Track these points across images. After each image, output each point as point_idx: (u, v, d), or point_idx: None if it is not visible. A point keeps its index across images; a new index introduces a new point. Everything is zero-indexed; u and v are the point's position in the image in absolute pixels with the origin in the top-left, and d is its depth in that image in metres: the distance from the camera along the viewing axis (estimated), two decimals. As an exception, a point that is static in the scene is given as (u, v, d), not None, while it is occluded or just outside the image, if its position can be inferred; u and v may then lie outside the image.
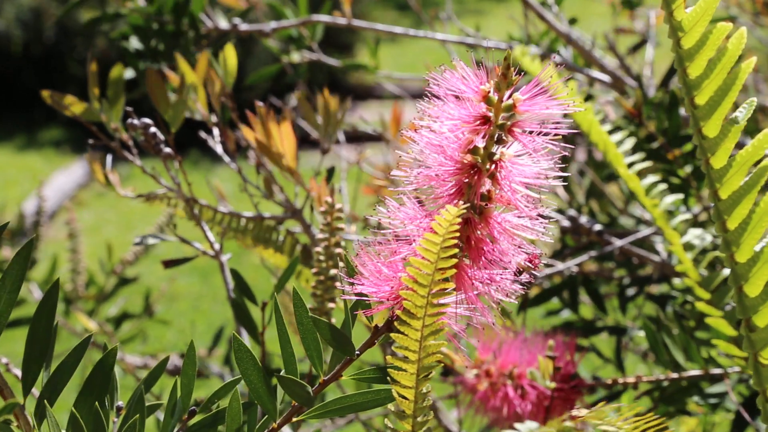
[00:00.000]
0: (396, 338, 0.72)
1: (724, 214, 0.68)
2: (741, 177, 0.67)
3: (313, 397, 0.76)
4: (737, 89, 0.67)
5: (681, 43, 0.67)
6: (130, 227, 5.57)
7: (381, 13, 8.59)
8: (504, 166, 0.74)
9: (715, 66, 0.67)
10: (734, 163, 0.67)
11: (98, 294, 2.31)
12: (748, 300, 0.68)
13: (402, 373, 0.73)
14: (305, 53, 1.86)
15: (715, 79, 0.67)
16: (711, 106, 0.68)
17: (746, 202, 0.67)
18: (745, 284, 0.67)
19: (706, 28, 0.67)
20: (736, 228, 0.68)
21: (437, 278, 0.70)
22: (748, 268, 0.67)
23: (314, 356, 0.76)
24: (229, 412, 0.75)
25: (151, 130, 1.19)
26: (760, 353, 0.67)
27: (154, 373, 0.81)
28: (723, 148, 0.68)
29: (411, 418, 0.74)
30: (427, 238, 0.69)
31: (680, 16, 0.67)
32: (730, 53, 0.67)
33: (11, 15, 7.10)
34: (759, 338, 0.67)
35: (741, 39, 0.67)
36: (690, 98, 0.68)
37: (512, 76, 0.73)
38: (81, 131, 6.45)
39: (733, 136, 0.68)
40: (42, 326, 0.73)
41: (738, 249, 0.67)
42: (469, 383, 1.23)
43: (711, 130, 0.68)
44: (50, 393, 0.74)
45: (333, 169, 1.28)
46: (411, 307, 0.71)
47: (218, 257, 1.27)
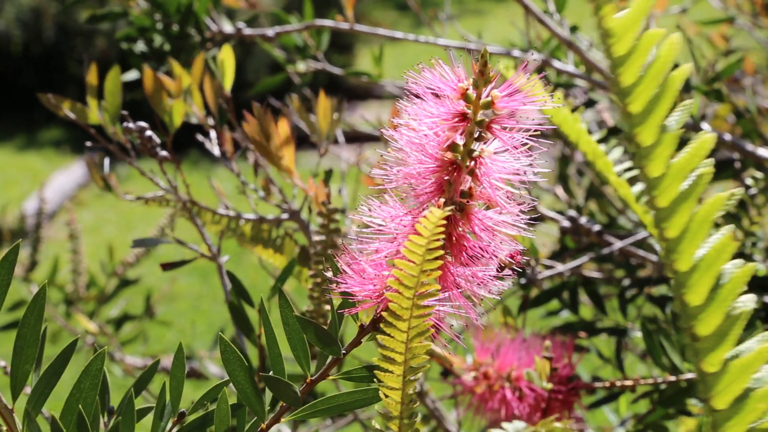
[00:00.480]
0: (382, 340, 0.72)
1: (663, 222, 0.67)
2: (678, 184, 0.67)
3: (300, 397, 0.76)
4: (672, 96, 0.66)
5: (612, 50, 0.67)
6: (130, 227, 5.57)
7: (381, 13, 8.59)
8: (483, 163, 0.74)
9: (648, 73, 0.66)
10: (671, 171, 0.66)
11: (99, 295, 2.32)
12: (690, 308, 0.67)
13: (388, 375, 0.73)
14: (310, 62, 1.86)
15: (648, 86, 0.66)
16: (645, 113, 0.67)
17: (685, 210, 0.66)
18: (687, 292, 0.67)
19: (638, 34, 0.66)
20: (675, 236, 0.67)
21: (422, 279, 0.70)
22: (689, 276, 0.67)
23: (301, 356, 0.77)
24: (217, 413, 0.75)
25: (146, 134, 1.19)
26: (704, 361, 0.67)
27: (146, 375, 0.81)
28: (660, 156, 0.67)
29: (398, 419, 0.74)
30: (412, 240, 0.69)
31: (611, 23, 0.66)
32: (662, 59, 0.66)
33: (11, 15, 7.11)
34: (702, 347, 0.67)
35: (674, 45, 0.66)
36: (624, 106, 0.67)
37: (489, 74, 0.73)
38: (81, 131, 6.45)
39: (669, 143, 0.67)
40: (30, 328, 0.73)
41: (679, 257, 0.67)
42: (468, 385, 1.23)
43: (646, 137, 0.67)
44: (38, 396, 0.74)
45: (331, 171, 1.28)
46: (396, 308, 0.71)
47: (216, 259, 1.27)
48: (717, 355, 0.66)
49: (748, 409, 0.66)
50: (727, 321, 0.66)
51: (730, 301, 0.66)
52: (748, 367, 0.66)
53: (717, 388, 0.67)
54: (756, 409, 0.66)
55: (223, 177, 5.72)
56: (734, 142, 1.56)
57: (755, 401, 0.66)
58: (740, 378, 0.66)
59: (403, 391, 0.73)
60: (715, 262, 0.66)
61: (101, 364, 0.75)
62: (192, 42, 1.62)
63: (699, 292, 0.67)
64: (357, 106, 6.30)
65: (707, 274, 0.66)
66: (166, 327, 4.04)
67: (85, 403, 0.74)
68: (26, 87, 7.02)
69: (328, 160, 4.30)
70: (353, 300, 0.75)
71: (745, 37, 2.52)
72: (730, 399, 0.67)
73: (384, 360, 0.73)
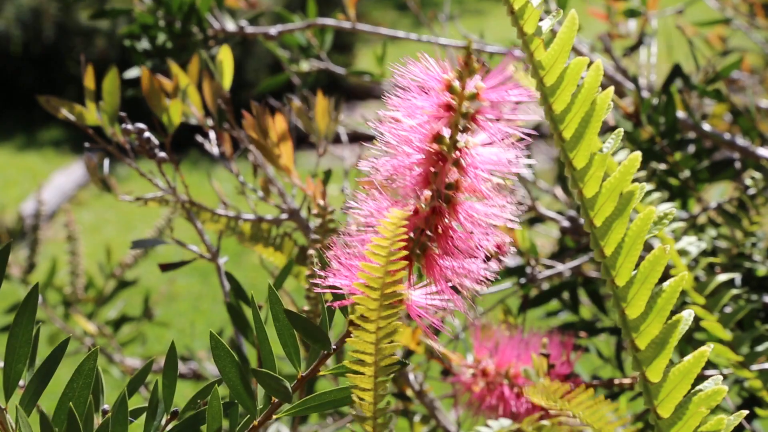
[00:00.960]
0: (351, 342, 0.73)
1: (600, 240, 0.69)
2: (613, 203, 0.69)
3: (291, 392, 0.76)
4: (599, 119, 0.69)
5: (543, 81, 0.69)
6: (129, 227, 5.57)
7: (381, 13, 8.59)
8: (469, 154, 0.74)
9: (576, 100, 0.69)
10: (604, 191, 0.69)
11: (97, 297, 2.32)
12: (630, 321, 0.69)
13: (359, 376, 0.73)
14: (313, 62, 1.86)
15: (578, 113, 0.69)
16: (577, 138, 0.69)
17: (619, 228, 0.69)
18: (627, 306, 0.69)
19: (566, 64, 0.69)
20: (612, 253, 0.69)
21: (388, 281, 0.70)
22: (627, 290, 0.69)
23: (291, 352, 0.77)
24: (209, 411, 0.75)
25: (144, 135, 1.19)
26: (646, 371, 0.69)
27: (140, 376, 0.81)
28: (593, 177, 0.69)
29: (371, 419, 0.75)
30: (375, 241, 0.70)
31: (539, 56, 0.69)
32: (588, 86, 0.69)
33: (11, 15, 7.11)
34: (644, 357, 0.69)
35: (598, 71, 0.69)
36: (558, 133, 0.70)
37: (474, 65, 0.73)
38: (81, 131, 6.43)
39: (600, 164, 0.69)
40: (23, 328, 0.73)
41: (617, 273, 0.69)
42: (466, 382, 1.24)
43: (580, 161, 0.69)
44: (31, 394, 0.74)
45: (330, 171, 1.28)
46: (364, 310, 0.71)
47: (215, 260, 1.27)
48: (658, 365, 0.69)
49: (689, 415, 0.68)
50: (665, 331, 0.68)
51: (667, 311, 0.68)
52: (686, 374, 0.68)
53: (660, 397, 0.69)
54: (698, 414, 0.68)
55: (222, 177, 5.71)
56: (733, 142, 1.56)
57: (696, 406, 0.68)
58: (681, 385, 0.68)
59: (375, 392, 0.73)
60: (650, 275, 0.68)
61: (94, 362, 0.75)
62: (194, 40, 1.62)
63: (637, 305, 0.69)
64: (357, 105, 6.30)
65: (644, 287, 0.68)
66: (165, 328, 4.04)
67: (77, 402, 0.73)
68: (26, 87, 7.02)
69: (327, 160, 4.30)
70: (342, 293, 0.75)
71: (741, 38, 2.52)
72: (672, 406, 0.69)
73: (354, 362, 0.73)
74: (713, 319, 1.12)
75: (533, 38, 0.69)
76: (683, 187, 1.47)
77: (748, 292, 1.34)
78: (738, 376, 1.29)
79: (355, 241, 0.75)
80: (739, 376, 1.28)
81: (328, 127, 1.35)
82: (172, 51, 1.60)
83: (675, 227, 1.22)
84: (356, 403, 0.74)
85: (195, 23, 1.61)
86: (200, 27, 1.62)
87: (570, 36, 0.68)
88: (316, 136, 1.36)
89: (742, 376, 1.16)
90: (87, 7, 6.21)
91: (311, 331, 0.75)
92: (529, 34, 0.69)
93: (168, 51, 1.60)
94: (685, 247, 1.21)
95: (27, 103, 7.02)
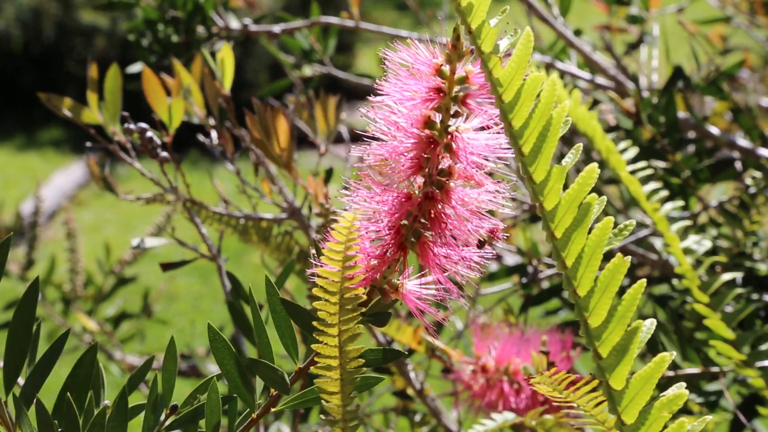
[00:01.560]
0: (316, 348, 0.73)
1: (561, 251, 0.70)
2: (572, 215, 0.70)
3: (289, 384, 0.76)
4: (555, 133, 0.70)
5: (502, 97, 0.70)
6: (129, 227, 5.57)
7: (381, 13, 8.59)
8: (461, 138, 0.74)
9: (533, 116, 0.70)
10: (563, 202, 0.70)
11: (97, 294, 2.31)
12: (592, 330, 0.70)
13: (326, 380, 0.73)
14: (316, 66, 1.86)
15: (536, 128, 0.70)
16: (535, 152, 0.70)
17: (579, 238, 0.70)
18: (589, 316, 0.70)
19: (522, 81, 0.70)
20: (573, 264, 0.70)
21: (345, 284, 0.70)
22: (588, 300, 0.70)
23: (289, 344, 0.77)
24: (208, 404, 0.75)
25: (147, 135, 1.19)
26: (609, 378, 0.69)
27: (140, 372, 0.81)
28: (552, 190, 0.70)
29: (341, 422, 0.75)
30: (329, 246, 0.70)
31: (497, 73, 0.70)
32: (544, 102, 0.70)
33: (11, 15, 7.10)
34: (606, 365, 0.70)
35: (552, 88, 0.70)
36: (518, 148, 0.71)
37: (462, 48, 0.73)
38: (80, 131, 6.44)
39: (559, 177, 0.70)
40: (23, 323, 0.73)
41: (578, 283, 0.70)
42: (466, 379, 1.24)
43: (539, 174, 0.70)
44: (30, 388, 0.74)
45: (331, 169, 1.28)
46: (325, 315, 0.72)
47: (216, 260, 1.27)
48: (620, 372, 0.70)
49: (652, 419, 0.69)
50: (625, 338, 0.69)
51: (627, 318, 0.69)
52: (648, 380, 0.69)
53: (623, 403, 0.70)
54: (661, 419, 0.69)
55: (223, 177, 5.71)
56: (734, 141, 1.56)
57: (658, 411, 0.69)
58: (643, 390, 0.69)
59: (343, 394, 0.73)
60: (610, 284, 0.69)
61: (94, 356, 0.75)
62: (198, 37, 1.62)
63: (599, 314, 0.70)
64: (357, 105, 6.29)
65: (605, 296, 0.69)
66: (164, 326, 4.04)
67: (77, 396, 0.73)
68: (26, 87, 7.01)
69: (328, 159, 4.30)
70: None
71: (741, 37, 2.52)
72: (635, 412, 0.69)
73: (320, 368, 0.74)
74: (716, 317, 1.12)
75: (490, 56, 0.70)
76: (684, 186, 1.47)
77: (750, 291, 1.34)
78: (737, 376, 1.29)
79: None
80: (739, 376, 1.28)
81: (330, 126, 1.35)
82: (175, 47, 1.60)
83: (679, 226, 1.23)
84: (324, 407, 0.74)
85: (200, 20, 1.61)
86: (205, 24, 1.62)
87: (526, 53, 0.69)
88: (317, 136, 1.36)
89: (745, 375, 1.16)
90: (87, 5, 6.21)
91: (308, 322, 0.75)
92: (486, 53, 0.69)
93: (172, 47, 1.60)
94: (691, 246, 1.21)
95: (27, 103, 7.02)
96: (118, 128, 1.28)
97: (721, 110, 1.82)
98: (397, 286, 0.76)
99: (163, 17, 1.61)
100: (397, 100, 0.74)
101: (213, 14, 1.65)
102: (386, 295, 0.76)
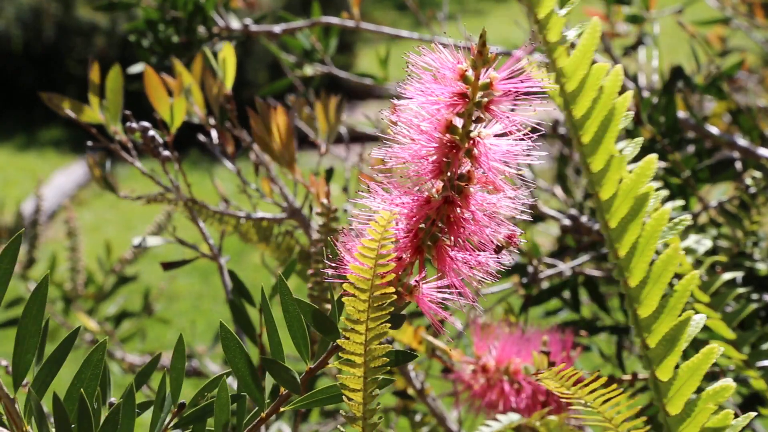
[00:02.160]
0: (342, 344, 0.73)
1: (614, 242, 0.70)
2: (628, 205, 0.70)
3: (300, 384, 0.76)
4: (617, 123, 0.70)
5: (565, 87, 0.71)
6: (130, 227, 5.57)
7: (381, 13, 8.59)
8: (482, 144, 0.74)
9: (596, 105, 0.70)
10: (620, 192, 0.70)
11: (97, 293, 2.32)
12: (642, 320, 0.70)
13: (349, 377, 0.73)
14: (317, 66, 1.87)
15: (597, 117, 0.70)
16: (595, 142, 0.71)
17: (634, 229, 0.70)
18: (639, 306, 0.70)
19: (586, 71, 0.70)
20: (626, 254, 0.70)
21: (377, 283, 0.70)
22: (640, 290, 0.70)
23: (300, 343, 0.77)
24: (217, 403, 0.75)
25: (149, 134, 1.19)
26: (656, 370, 0.69)
27: (147, 369, 0.81)
28: (610, 180, 0.70)
29: (361, 420, 0.75)
30: (364, 244, 0.70)
31: (562, 63, 0.70)
32: (608, 92, 0.70)
33: (11, 15, 7.11)
34: (654, 355, 0.70)
35: (617, 77, 0.70)
36: (577, 137, 0.71)
37: (488, 54, 0.73)
38: (81, 131, 6.43)
39: (618, 167, 0.70)
40: (32, 320, 0.73)
41: (630, 274, 0.70)
42: (466, 379, 1.24)
43: (597, 164, 0.71)
44: (39, 386, 0.75)
45: (332, 169, 1.28)
46: (353, 312, 0.72)
47: (217, 259, 1.27)
48: (668, 363, 0.70)
49: (698, 411, 0.69)
50: (675, 329, 0.69)
51: (678, 310, 0.69)
52: (695, 371, 0.69)
53: (669, 394, 0.70)
54: (706, 410, 0.69)
55: (223, 177, 5.71)
56: (734, 141, 1.56)
57: (705, 402, 0.69)
58: (689, 382, 0.70)
59: (364, 392, 0.73)
60: (662, 275, 0.70)
61: (102, 354, 0.75)
62: (199, 37, 1.62)
63: (649, 305, 0.70)
64: (357, 105, 6.30)
65: (656, 287, 0.70)
66: (165, 326, 4.04)
67: (86, 393, 0.74)
68: (26, 87, 7.01)
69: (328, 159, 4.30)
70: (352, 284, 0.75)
71: (740, 38, 2.52)
72: (681, 403, 0.70)
73: (344, 363, 0.73)
74: (717, 317, 1.12)
75: (556, 46, 0.70)
76: (684, 186, 1.48)
77: (750, 291, 1.34)
78: (737, 376, 1.29)
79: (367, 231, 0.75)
80: (739, 375, 1.28)
81: (331, 126, 1.36)
82: (176, 47, 1.60)
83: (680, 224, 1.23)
84: (346, 404, 0.74)
85: (200, 21, 1.61)
86: (205, 25, 1.62)
87: (592, 43, 0.69)
88: (318, 136, 1.36)
89: (746, 375, 1.16)
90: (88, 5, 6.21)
91: (322, 322, 0.75)
92: (552, 42, 0.70)
93: (172, 47, 1.60)
94: (691, 245, 1.21)
95: (27, 103, 7.02)
96: (120, 127, 1.28)
97: (720, 112, 1.82)
98: (411, 289, 0.76)
99: (164, 18, 1.61)
100: (421, 104, 0.74)
101: (214, 14, 1.65)
102: (401, 297, 0.76)
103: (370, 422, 0.75)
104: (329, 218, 1.05)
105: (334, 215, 1.06)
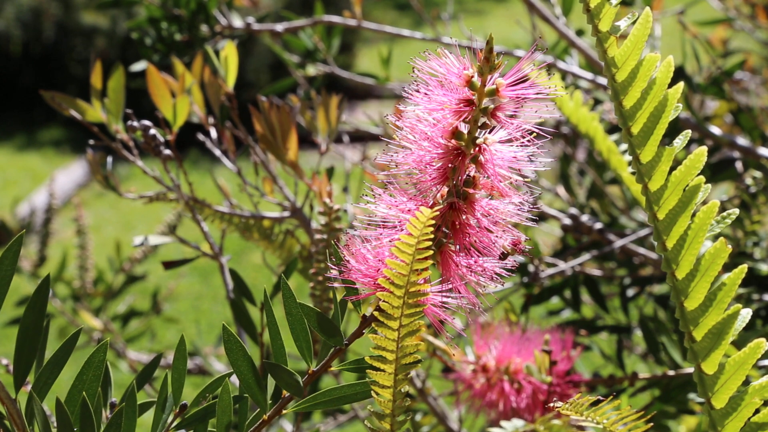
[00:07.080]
0: (373, 339, 0.73)
1: (663, 234, 0.70)
2: (677, 197, 0.70)
3: (302, 387, 0.76)
4: (668, 115, 0.70)
5: (615, 77, 0.70)
6: (130, 227, 5.57)
7: (381, 13, 8.59)
8: (488, 151, 0.74)
9: (647, 96, 0.70)
10: (669, 184, 0.70)
11: (106, 291, 2.32)
12: (688, 313, 0.70)
13: (380, 373, 0.73)
14: (319, 65, 1.87)
15: (647, 108, 0.70)
16: (645, 133, 0.70)
17: (682, 221, 0.70)
18: (685, 299, 0.70)
19: (637, 61, 0.70)
20: (674, 246, 0.70)
21: (413, 279, 0.70)
22: (687, 283, 0.70)
23: (303, 347, 0.76)
24: (219, 404, 0.75)
25: (150, 132, 1.19)
26: (702, 363, 0.69)
27: (148, 370, 0.81)
28: (659, 172, 0.70)
29: (390, 416, 0.74)
30: (403, 239, 0.69)
31: (613, 53, 0.69)
32: (659, 82, 0.70)
33: (11, 15, 7.10)
34: (700, 348, 0.70)
35: (669, 68, 0.70)
36: (627, 128, 0.70)
37: (494, 60, 0.73)
38: (81, 131, 6.45)
39: (667, 159, 0.70)
40: (33, 321, 0.73)
41: (677, 266, 0.70)
42: (467, 379, 1.24)
43: (646, 155, 0.70)
44: (42, 385, 0.75)
45: (332, 168, 1.29)
46: (387, 307, 0.71)
47: (218, 258, 1.27)
48: (714, 356, 0.69)
49: (744, 405, 0.69)
50: (722, 322, 0.69)
51: (725, 303, 0.69)
52: (742, 365, 0.69)
53: (715, 388, 0.69)
54: (752, 404, 0.69)
55: (223, 176, 5.71)
56: (734, 141, 1.56)
57: (751, 396, 0.69)
58: (736, 376, 0.69)
59: (394, 389, 0.73)
60: (710, 268, 0.69)
61: (103, 355, 0.75)
62: (201, 35, 1.62)
63: (696, 297, 0.69)
64: (357, 105, 6.30)
65: (703, 280, 0.69)
66: (166, 326, 4.04)
67: (87, 394, 0.74)
68: (26, 87, 7.01)
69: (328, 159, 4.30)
70: (356, 289, 0.75)
71: (743, 39, 2.52)
72: (726, 397, 0.69)
73: (376, 359, 0.73)
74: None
75: (607, 36, 0.69)
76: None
77: (751, 291, 1.34)
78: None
79: (371, 237, 0.75)
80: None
81: (331, 126, 1.36)
82: (178, 46, 1.60)
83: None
84: (375, 400, 0.74)
85: (203, 19, 1.62)
86: (208, 23, 1.62)
87: (644, 33, 0.69)
88: (318, 135, 1.36)
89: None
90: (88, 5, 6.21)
91: (325, 326, 0.75)
92: (603, 32, 0.69)
93: (175, 45, 1.60)
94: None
95: (27, 103, 7.02)
96: (121, 126, 1.28)
97: (721, 112, 1.83)
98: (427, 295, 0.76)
99: (167, 16, 1.61)
100: (427, 109, 0.74)
101: (216, 13, 1.65)
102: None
103: (399, 419, 0.75)
104: (331, 217, 1.05)
105: (336, 214, 1.06)
